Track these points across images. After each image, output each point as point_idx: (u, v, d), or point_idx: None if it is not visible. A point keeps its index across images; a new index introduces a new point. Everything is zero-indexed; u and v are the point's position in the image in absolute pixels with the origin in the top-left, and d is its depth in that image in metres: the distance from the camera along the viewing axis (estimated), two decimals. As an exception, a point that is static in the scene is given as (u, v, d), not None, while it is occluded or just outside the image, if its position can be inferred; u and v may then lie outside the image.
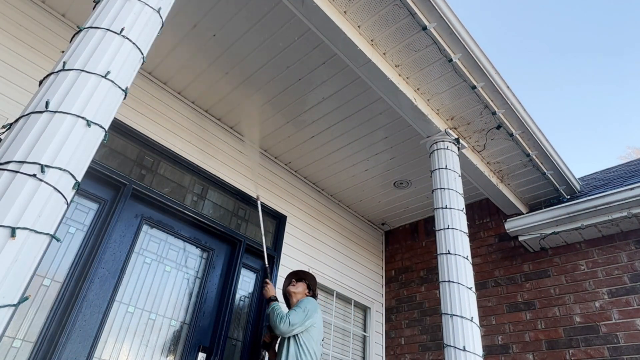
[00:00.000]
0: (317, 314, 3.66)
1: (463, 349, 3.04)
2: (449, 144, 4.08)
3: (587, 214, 4.37)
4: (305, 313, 3.56)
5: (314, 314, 3.61)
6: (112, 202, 3.76)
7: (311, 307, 3.64)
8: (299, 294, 3.92)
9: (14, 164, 1.45)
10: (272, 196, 5.20)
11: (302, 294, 3.93)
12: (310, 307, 3.64)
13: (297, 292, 3.92)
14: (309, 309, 3.61)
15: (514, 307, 4.83)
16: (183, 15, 3.76)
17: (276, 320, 3.52)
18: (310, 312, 3.60)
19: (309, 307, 3.62)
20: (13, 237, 1.34)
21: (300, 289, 3.95)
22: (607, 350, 4.01)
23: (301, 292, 3.94)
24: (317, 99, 4.44)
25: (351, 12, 3.33)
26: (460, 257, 3.44)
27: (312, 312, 3.61)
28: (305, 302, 3.68)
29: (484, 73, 3.77)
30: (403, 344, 5.58)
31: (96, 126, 1.67)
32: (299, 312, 3.56)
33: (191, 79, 4.40)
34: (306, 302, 3.69)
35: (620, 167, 6.29)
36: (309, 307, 3.62)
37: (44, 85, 1.70)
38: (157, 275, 3.96)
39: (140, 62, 1.95)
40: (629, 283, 4.16)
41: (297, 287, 3.96)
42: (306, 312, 3.57)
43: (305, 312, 3.56)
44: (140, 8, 1.99)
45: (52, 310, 3.19)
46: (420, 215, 6.31)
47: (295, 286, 3.96)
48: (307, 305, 3.65)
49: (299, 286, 3.97)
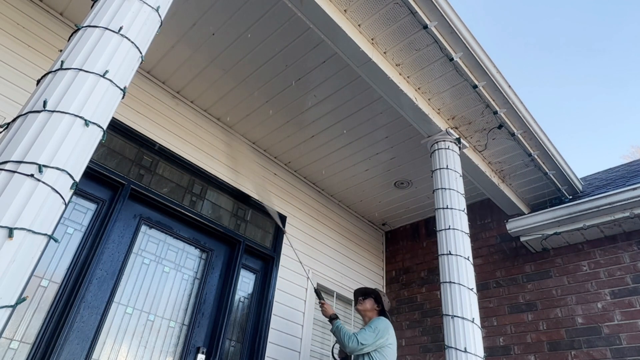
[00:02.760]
0: (389, 334, 3.60)
1: (464, 351, 3.02)
2: (450, 144, 4.05)
3: (590, 215, 4.35)
4: (376, 333, 3.52)
5: (385, 334, 3.56)
6: (110, 203, 3.74)
7: (382, 327, 3.59)
8: (369, 311, 3.88)
9: (12, 164, 1.45)
10: (271, 196, 5.18)
11: (372, 310, 3.89)
12: (382, 326, 3.59)
13: (366, 309, 3.89)
14: (380, 328, 3.56)
15: (515, 308, 4.81)
16: (182, 13, 3.73)
17: (344, 339, 3.51)
18: (382, 332, 3.55)
19: (380, 327, 3.57)
20: (10, 237, 1.34)
21: (369, 306, 3.91)
22: (610, 351, 3.99)
23: (370, 309, 3.89)
24: (316, 99, 4.42)
25: (351, 10, 3.31)
26: (462, 257, 3.42)
27: (384, 332, 3.56)
28: (376, 322, 3.64)
29: (485, 72, 3.74)
30: (404, 345, 5.55)
31: (94, 126, 1.66)
32: (369, 331, 3.53)
33: (190, 78, 4.38)
34: (377, 321, 3.64)
35: (622, 167, 6.27)
36: (380, 327, 3.57)
37: (42, 84, 1.69)
38: (155, 276, 3.93)
39: (138, 61, 1.94)
40: (632, 284, 4.13)
41: (365, 304, 3.92)
42: (377, 332, 3.52)
43: (375, 332, 3.52)
44: (139, 7, 1.98)
45: (50, 312, 3.17)
46: (421, 215, 6.28)
47: (363, 304, 3.93)
48: (379, 324, 3.60)
49: (367, 303, 3.92)
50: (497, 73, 3.81)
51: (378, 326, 3.58)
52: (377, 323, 3.62)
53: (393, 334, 3.69)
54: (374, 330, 3.53)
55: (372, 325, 3.60)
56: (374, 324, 3.61)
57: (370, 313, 3.87)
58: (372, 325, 3.60)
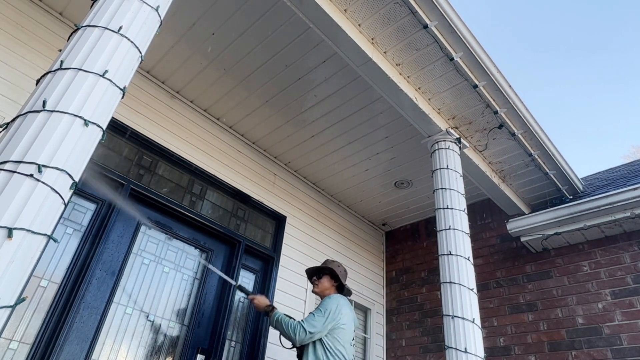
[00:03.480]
0: (341, 314, 3.22)
1: (464, 351, 3.02)
2: (450, 144, 4.05)
3: (590, 215, 4.34)
4: (326, 316, 3.15)
5: (336, 315, 3.19)
6: (110, 203, 3.73)
7: (332, 307, 3.20)
8: (326, 290, 3.52)
9: (11, 164, 1.44)
10: (271, 196, 5.17)
11: (329, 289, 3.52)
12: (332, 306, 3.21)
13: (323, 290, 3.53)
14: (330, 309, 3.19)
15: (516, 308, 4.80)
16: (182, 13, 3.73)
17: (289, 331, 3.13)
18: (332, 313, 3.18)
19: (329, 308, 3.20)
20: (10, 237, 1.33)
21: (327, 284, 3.53)
22: (610, 352, 3.98)
23: (328, 287, 3.52)
24: (317, 98, 4.41)
25: (351, 10, 3.30)
26: (462, 257, 3.42)
27: (335, 312, 3.19)
28: (325, 303, 3.26)
29: (485, 72, 3.74)
30: (404, 345, 5.55)
31: (94, 126, 1.66)
32: (317, 316, 3.16)
33: (190, 78, 4.37)
34: (327, 302, 3.26)
35: (623, 167, 6.27)
36: (329, 308, 3.20)
37: (41, 84, 1.68)
38: (155, 276, 3.93)
39: (138, 61, 1.94)
40: (632, 284, 4.13)
41: (323, 284, 3.54)
42: (327, 315, 3.15)
43: (325, 315, 3.15)
44: (139, 6, 1.97)
45: (50, 312, 3.16)
46: (421, 215, 6.28)
47: (320, 284, 3.56)
48: (328, 305, 3.22)
49: (324, 282, 3.54)
50: (498, 73, 3.80)
51: (327, 307, 3.21)
52: (326, 304, 3.25)
53: (347, 312, 3.30)
54: (323, 314, 3.16)
55: (321, 308, 3.22)
56: (323, 306, 3.24)
57: (329, 292, 3.51)
58: (320, 308, 3.23)
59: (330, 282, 3.54)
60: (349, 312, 3.32)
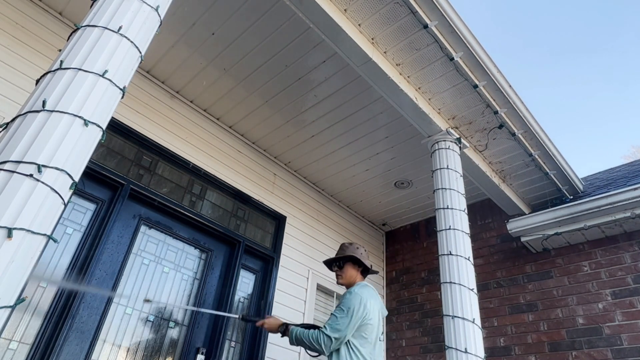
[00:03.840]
0: (366, 308, 2.89)
1: (465, 351, 3.01)
2: (451, 144, 4.04)
3: (590, 215, 4.34)
4: (349, 316, 2.82)
5: (361, 310, 2.86)
6: (109, 203, 3.72)
7: (355, 304, 2.87)
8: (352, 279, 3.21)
9: (11, 164, 1.44)
10: (271, 196, 5.17)
11: (354, 277, 3.21)
12: (354, 303, 2.88)
13: (349, 280, 3.21)
14: (353, 305, 2.86)
15: (516, 308, 4.80)
16: (181, 13, 3.72)
17: (314, 344, 2.83)
18: (356, 309, 2.85)
19: (352, 304, 2.87)
20: (10, 237, 1.33)
21: (352, 273, 3.22)
22: (611, 352, 3.98)
23: (353, 275, 3.21)
24: (316, 98, 4.41)
25: (352, 10, 3.30)
26: (462, 258, 3.41)
27: (359, 307, 2.86)
28: (347, 300, 2.93)
29: (485, 72, 3.74)
30: (404, 345, 5.55)
31: (93, 125, 1.65)
32: (340, 317, 2.83)
33: (190, 77, 4.37)
34: (348, 298, 2.93)
35: (623, 167, 6.26)
36: (352, 304, 2.87)
37: (41, 84, 1.68)
38: (155, 276, 3.92)
39: (138, 60, 1.94)
40: (633, 284, 4.12)
41: (347, 274, 3.22)
42: (350, 314, 2.83)
43: (348, 315, 2.83)
44: (139, 6, 1.97)
45: (49, 312, 3.16)
46: (422, 215, 6.28)
47: (344, 275, 3.23)
48: (351, 302, 2.89)
49: (348, 271, 3.23)
50: (498, 73, 3.80)
51: (350, 305, 2.88)
52: (348, 301, 2.92)
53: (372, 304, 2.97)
54: (346, 314, 2.83)
55: (343, 307, 2.89)
56: (345, 304, 2.91)
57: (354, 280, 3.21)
58: (342, 307, 2.90)
59: (354, 268, 3.23)
60: (374, 303, 3.00)
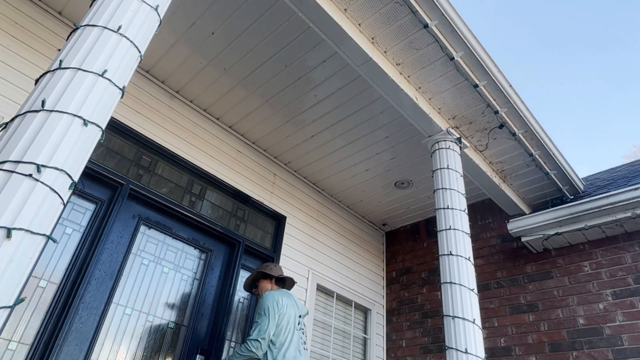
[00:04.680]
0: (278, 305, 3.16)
1: (465, 352, 3.01)
2: (451, 144, 4.04)
3: (591, 215, 4.33)
4: (268, 314, 3.09)
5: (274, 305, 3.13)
6: (109, 203, 3.72)
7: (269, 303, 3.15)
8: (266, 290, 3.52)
9: (10, 164, 1.43)
10: (271, 196, 5.16)
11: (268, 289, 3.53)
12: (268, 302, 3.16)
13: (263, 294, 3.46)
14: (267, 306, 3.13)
15: (516, 308, 4.79)
16: (181, 13, 3.71)
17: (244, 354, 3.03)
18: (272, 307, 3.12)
19: (265, 306, 3.14)
20: (9, 237, 1.33)
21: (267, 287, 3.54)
22: (611, 352, 3.97)
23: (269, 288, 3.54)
24: (316, 98, 4.40)
25: (352, 10, 3.29)
26: (462, 258, 3.41)
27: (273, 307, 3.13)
28: (261, 304, 3.22)
29: (486, 71, 3.73)
30: (404, 346, 5.54)
31: (93, 125, 1.65)
32: (261, 321, 3.09)
33: (189, 77, 4.36)
34: (261, 303, 3.22)
35: (624, 166, 6.25)
36: (265, 306, 3.14)
37: (40, 84, 1.67)
38: (154, 276, 3.91)
39: (137, 60, 1.93)
40: (633, 284, 4.12)
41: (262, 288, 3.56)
42: (268, 313, 3.10)
43: (267, 314, 3.10)
44: (138, 5, 1.97)
45: (49, 312, 3.15)
46: (422, 215, 6.27)
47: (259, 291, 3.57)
48: (263, 305, 3.17)
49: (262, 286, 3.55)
50: (498, 72, 3.79)
51: (264, 306, 3.13)
52: (261, 304, 3.18)
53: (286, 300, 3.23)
54: (266, 314, 3.08)
55: (259, 311, 3.15)
56: (260, 308, 3.17)
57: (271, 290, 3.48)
58: (259, 311, 3.15)
59: (268, 282, 3.53)
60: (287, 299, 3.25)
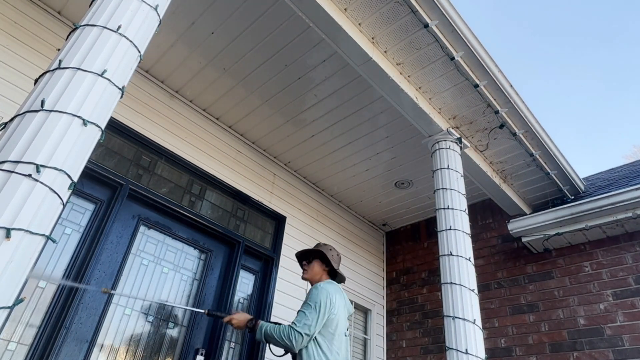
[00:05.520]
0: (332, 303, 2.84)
1: (465, 352, 3.00)
2: (451, 144, 4.03)
3: (592, 215, 4.33)
4: (318, 310, 2.76)
5: (327, 304, 2.81)
6: (108, 203, 3.71)
7: (322, 298, 2.82)
8: (317, 275, 3.13)
9: (9, 164, 1.43)
10: (271, 196, 5.15)
11: (320, 274, 3.14)
12: (321, 297, 2.82)
13: (313, 276, 3.14)
14: (319, 301, 2.80)
15: (517, 309, 4.79)
16: (181, 12, 3.71)
17: (284, 340, 2.72)
18: (323, 304, 2.79)
19: (318, 299, 2.81)
20: (8, 238, 1.32)
21: (317, 269, 3.14)
22: (612, 353, 3.97)
23: (318, 272, 3.14)
24: (316, 98, 4.40)
25: (352, 9, 3.29)
26: (463, 258, 3.40)
27: (326, 302, 2.81)
28: (314, 295, 2.86)
29: (486, 71, 3.72)
30: (404, 346, 5.53)
31: (92, 125, 1.64)
32: (309, 313, 2.76)
33: (189, 77, 4.35)
34: (315, 294, 2.87)
35: (625, 167, 6.25)
36: (318, 299, 2.81)
37: (40, 83, 1.67)
38: (154, 276, 3.91)
39: (137, 60, 1.92)
40: (634, 285, 4.11)
41: (313, 270, 3.15)
42: (318, 309, 2.77)
43: (317, 309, 2.77)
44: (138, 5, 1.96)
45: (48, 313, 3.15)
46: (422, 215, 6.26)
47: (310, 270, 3.17)
48: (317, 297, 2.83)
49: (314, 267, 3.16)
50: (499, 72, 3.79)
51: (317, 300, 2.82)
52: (314, 296, 2.85)
53: (338, 299, 2.93)
54: (315, 309, 2.77)
55: (310, 302, 2.83)
56: (312, 299, 2.84)
57: (319, 277, 3.13)
58: (309, 302, 2.83)
59: (321, 266, 3.17)
60: (340, 299, 2.97)
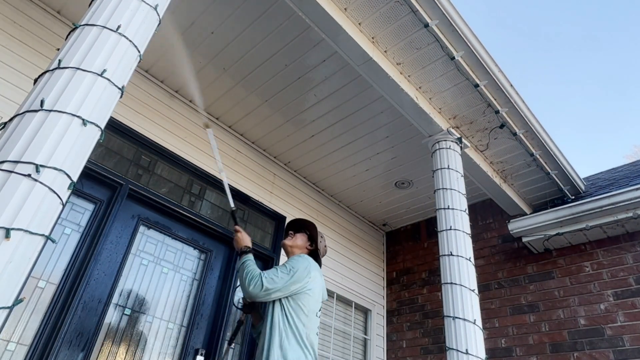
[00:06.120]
0: (310, 277, 2.72)
1: (466, 352, 3.00)
2: (451, 144, 4.03)
3: (592, 215, 4.32)
4: (291, 275, 2.63)
5: (304, 276, 2.68)
6: (108, 203, 3.70)
7: (301, 267, 2.70)
8: (297, 248, 3.01)
9: (9, 164, 1.42)
10: (271, 196, 5.15)
11: (301, 248, 3.02)
12: (301, 266, 2.71)
13: (294, 245, 3.02)
14: (298, 268, 2.68)
15: (517, 309, 4.78)
16: (180, 12, 3.70)
17: (245, 280, 2.58)
18: (300, 273, 2.67)
19: (298, 267, 2.69)
20: (7, 238, 1.32)
21: (300, 242, 3.03)
22: (613, 353, 3.96)
23: (300, 245, 3.02)
24: (316, 98, 4.39)
25: (352, 9, 3.28)
26: (463, 258, 3.40)
27: (303, 273, 2.68)
28: (294, 260, 2.76)
29: (486, 71, 3.72)
30: (404, 347, 5.53)
31: (92, 125, 1.64)
32: (281, 272, 2.63)
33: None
34: (296, 260, 2.76)
35: (626, 167, 6.24)
36: (298, 267, 2.69)
37: (39, 83, 1.67)
38: (154, 277, 3.90)
39: (137, 60, 1.92)
40: (635, 285, 4.11)
41: (296, 240, 3.04)
42: (292, 274, 2.64)
43: (290, 274, 2.64)
44: (137, 5, 1.95)
45: (47, 313, 3.14)
46: (422, 216, 6.25)
47: (293, 238, 3.05)
48: (297, 264, 2.72)
49: (298, 238, 3.05)
50: (499, 72, 3.78)
51: (296, 265, 2.70)
52: (295, 262, 2.74)
53: (317, 276, 2.80)
54: (289, 271, 2.65)
55: (288, 265, 2.71)
56: (291, 263, 2.73)
57: (298, 251, 3.00)
58: (287, 265, 2.72)
59: (305, 242, 3.06)
60: (318, 277, 2.84)
